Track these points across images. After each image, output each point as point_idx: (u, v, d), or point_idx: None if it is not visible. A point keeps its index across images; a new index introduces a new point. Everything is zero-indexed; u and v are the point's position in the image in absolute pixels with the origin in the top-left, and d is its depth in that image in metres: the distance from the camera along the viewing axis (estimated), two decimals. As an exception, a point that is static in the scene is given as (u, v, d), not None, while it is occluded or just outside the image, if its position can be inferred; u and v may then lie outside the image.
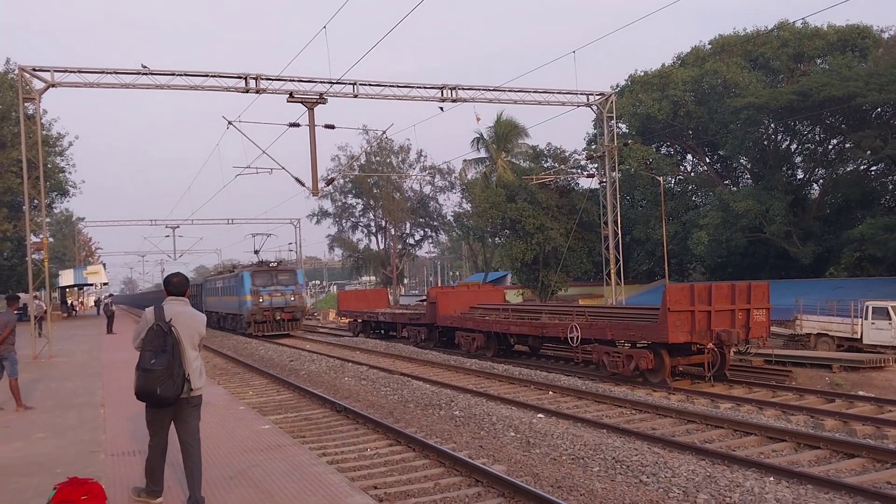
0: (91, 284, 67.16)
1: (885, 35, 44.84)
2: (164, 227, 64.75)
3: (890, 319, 23.13)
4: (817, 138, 47.51)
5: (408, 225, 71.51)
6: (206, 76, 24.10)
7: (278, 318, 38.34)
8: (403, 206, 68.13)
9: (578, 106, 30.15)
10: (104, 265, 67.22)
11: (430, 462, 10.90)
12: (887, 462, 10.75)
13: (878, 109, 40.49)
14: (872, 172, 45.62)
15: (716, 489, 8.95)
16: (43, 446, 9.95)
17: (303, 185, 26.56)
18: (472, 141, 56.92)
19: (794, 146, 48.96)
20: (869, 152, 39.64)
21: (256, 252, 46.54)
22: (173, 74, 23.96)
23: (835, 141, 46.76)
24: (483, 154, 57.77)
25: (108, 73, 23.64)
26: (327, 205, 70.89)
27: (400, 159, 69.32)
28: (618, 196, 32.51)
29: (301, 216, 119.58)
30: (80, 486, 6.15)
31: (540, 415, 14.53)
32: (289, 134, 32.34)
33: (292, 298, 39.25)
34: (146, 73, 23.70)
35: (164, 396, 6.57)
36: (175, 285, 7.01)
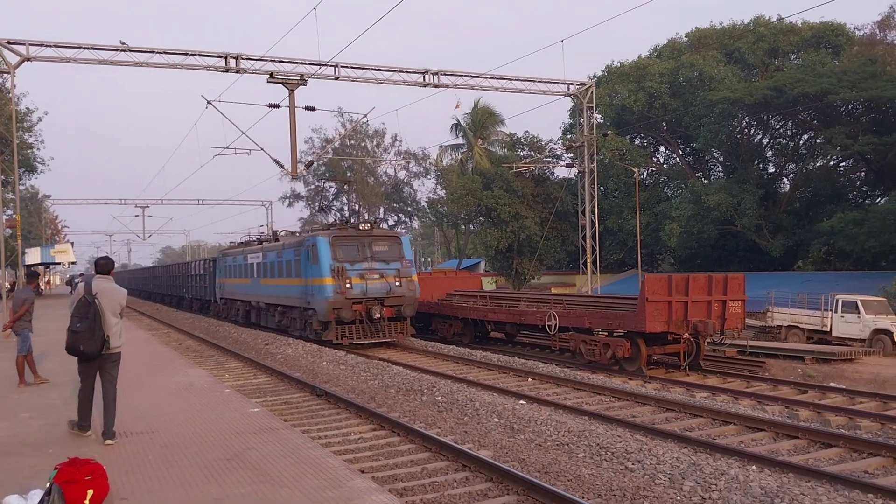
0: (58, 263, 66.02)
1: (859, 33, 45.51)
2: (134, 207, 63.79)
3: (859, 313, 23.62)
4: (789, 133, 48.19)
5: (381, 210, 71.22)
6: (187, 54, 23.77)
7: (377, 315, 23.10)
8: (377, 191, 67.82)
9: (560, 95, 30.23)
10: (72, 244, 66.06)
11: (415, 447, 10.95)
12: (863, 452, 11.02)
13: (849, 106, 41.15)
14: (842, 168, 46.41)
15: (701, 476, 9.11)
16: (29, 426, 9.84)
17: (282, 167, 26.39)
18: (452, 127, 56.82)
19: (766, 140, 49.60)
20: (839, 148, 40.29)
21: (322, 208, 36.92)
22: (152, 52, 23.58)
23: (806, 136, 47.47)
24: (460, 141, 57.71)
25: (85, 48, 23.20)
26: (300, 187, 70.35)
27: (375, 143, 68.93)
28: (595, 186, 32.69)
29: (273, 198, 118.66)
30: (82, 467, 6.09)
31: (522, 401, 14.64)
32: (266, 115, 31.94)
33: (397, 283, 23.58)
34: (125, 50, 23.30)
35: (87, 352, 8.64)
36: (101, 266, 9.18)
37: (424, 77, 26.41)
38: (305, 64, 24.64)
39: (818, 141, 44.62)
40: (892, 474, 10.10)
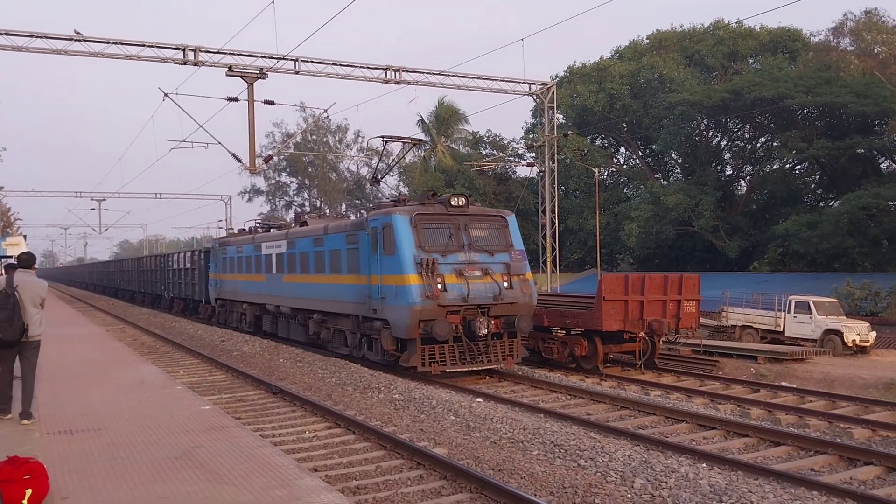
0: (9, 256, 64.44)
1: (814, 39, 46.43)
2: (90, 200, 62.57)
3: (811, 314, 24.10)
4: (747, 136, 49.00)
5: (343, 206, 70.90)
6: (143, 46, 23.33)
7: (483, 331, 16.16)
8: (339, 187, 67.53)
9: (522, 95, 30.34)
10: (24, 237, 64.60)
11: (370, 445, 10.90)
12: (811, 450, 11.23)
13: (805, 111, 41.97)
14: (797, 171, 47.33)
15: (651, 474, 9.19)
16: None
17: (240, 161, 26.09)
18: (417, 123, 56.74)
19: (724, 143, 50.39)
20: (794, 152, 41.07)
21: (377, 180, 27.65)
22: (108, 42, 23.11)
23: (763, 139, 48.31)
24: (423, 137, 57.66)
25: (37, 36, 22.64)
26: (260, 182, 69.76)
27: (337, 139, 68.61)
28: (556, 186, 32.90)
29: (232, 193, 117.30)
30: (21, 466, 5.93)
31: (479, 399, 14.65)
32: (225, 109, 31.33)
33: (506, 284, 16.85)
34: (79, 40, 22.81)
35: (6, 339, 9.26)
36: (23, 261, 9.98)
37: (386, 73, 26.30)
38: (265, 57, 24.38)
39: (774, 144, 45.46)
40: (838, 472, 10.30)
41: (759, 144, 48.80)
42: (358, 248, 18.15)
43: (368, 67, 26.25)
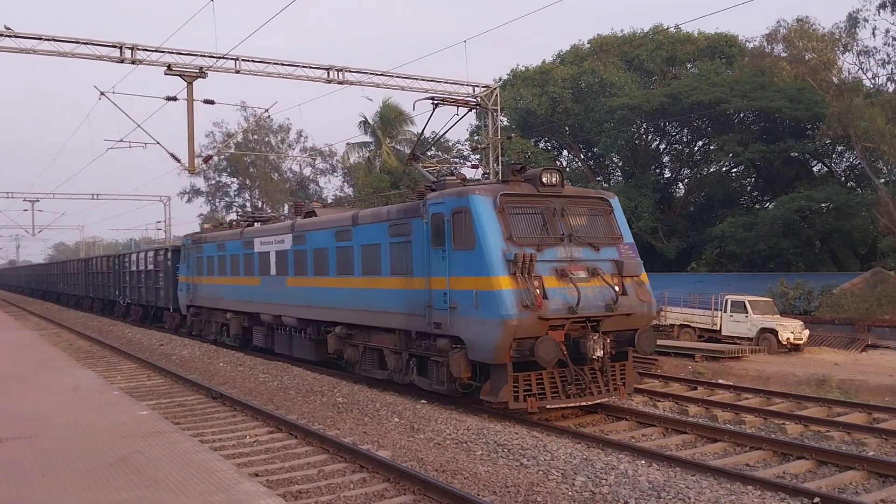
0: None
1: (750, 45, 47.67)
2: (22, 200, 60.53)
3: (747, 313, 24.72)
4: (685, 140, 50.05)
5: (286, 206, 70.12)
6: (78, 43, 22.67)
7: (598, 352, 12.40)
8: (282, 188, 66.79)
9: (465, 97, 30.44)
10: (-49, 239, 62.12)
11: (313, 449, 10.82)
12: (746, 446, 11.52)
13: (741, 115, 43.05)
14: (733, 174, 48.54)
15: (592, 472, 9.33)
16: None
17: (178, 161, 25.56)
18: (359, 124, 56.42)
19: (663, 146, 51.38)
20: (731, 155, 42.10)
21: (416, 157, 18.60)
22: (41, 39, 22.38)
23: (700, 143, 49.40)
24: (368, 138, 57.42)
25: (-36, 31, 21.80)
26: (200, 183, 68.56)
27: (279, 139, 67.84)
28: (499, 187, 33.08)
29: (171, 193, 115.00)
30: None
31: (423, 400, 14.66)
32: (164, 108, 30.48)
33: (617, 288, 12.98)
34: (10, 36, 22.05)
35: None
36: None
37: (329, 73, 26.07)
38: (204, 56, 23.91)
39: (711, 148, 46.51)
40: (772, 466, 10.59)
41: (696, 148, 49.90)
42: (408, 242, 14.35)
43: (311, 67, 26.00)
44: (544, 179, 13.43)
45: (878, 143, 26.26)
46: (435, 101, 16.70)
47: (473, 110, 26.74)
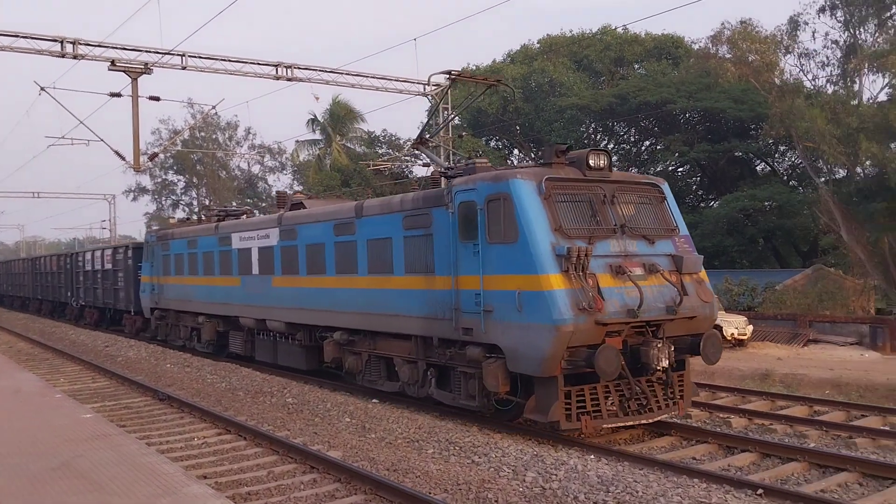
0: None
1: (695, 46, 48.61)
2: (-42, 199, 58.56)
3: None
4: (632, 139, 50.83)
5: (234, 205, 69.20)
6: (17, 36, 22.03)
7: (662, 362, 10.81)
8: (230, 186, 65.88)
9: (415, 94, 30.44)
10: None
11: (262, 450, 10.71)
12: (692, 440, 11.73)
13: (686, 115, 43.89)
14: (680, 173, 49.43)
15: (542, 467, 9.41)
16: None
17: (123, 159, 25.04)
18: (308, 122, 55.93)
19: (611, 146, 52.08)
20: (677, 155, 42.89)
21: (423, 141, 16.18)
22: (-24, 31, 21.70)
23: (647, 143, 50.23)
24: (318, 136, 56.99)
25: None
26: (146, 181, 67.26)
27: (227, 136, 66.90)
28: (450, 185, 33.17)
29: (116, 192, 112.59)
30: None
31: (375, 399, 14.61)
32: (108, 105, 29.66)
33: (676, 290, 11.28)
34: (-57, 27, 21.30)
35: None
36: None
37: (277, 70, 25.79)
38: (150, 52, 23.44)
39: (658, 147, 47.33)
40: (717, 459, 10.81)
41: (643, 147, 50.71)
42: (429, 236, 12.69)
43: (259, 64, 25.69)
44: (591, 162, 11.69)
45: (818, 142, 26.99)
46: (452, 77, 15.06)
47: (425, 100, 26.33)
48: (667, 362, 10.83)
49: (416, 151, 18.89)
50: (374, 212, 14.25)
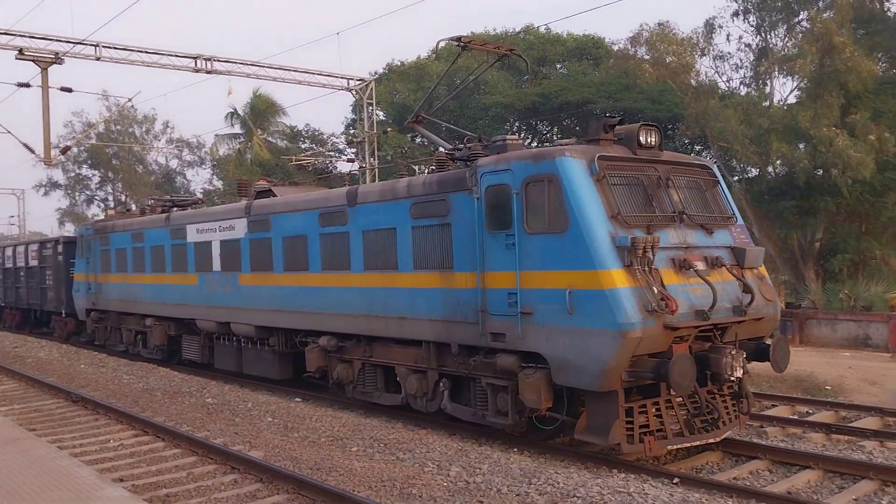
0: None
1: (615, 47, 49.71)
2: None
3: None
4: (555, 138, 51.63)
5: (150, 200, 67.25)
6: (-86, 20, 20.87)
7: (737, 371, 9.39)
8: (147, 180, 64.05)
9: (339, 89, 30.22)
10: None
11: (181, 451, 10.48)
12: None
13: (607, 115, 44.87)
14: (600, 172, 50.56)
15: (467, 461, 9.49)
16: None
17: (33, 152, 24.08)
18: (227, 115, 54.79)
19: (534, 144, 52.80)
20: (598, 153, 43.78)
21: (419, 120, 15.31)
22: None
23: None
24: (238, 130, 55.86)
25: None
26: (58, 175, 64.74)
27: (144, 129, 64.99)
28: (377, 182, 33.05)
29: (26, 187, 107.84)
30: None
31: (298, 399, 14.45)
32: (17, 96, 28.28)
33: (743, 288, 9.96)
34: None
35: None
36: None
37: (196, 62, 25.19)
38: (61, 41, 22.56)
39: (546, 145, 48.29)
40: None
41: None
42: (445, 226, 11.07)
43: (177, 55, 25.04)
44: (642, 139, 10.19)
45: (731, 143, 27.96)
46: (462, 44, 13.26)
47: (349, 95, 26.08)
48: (741, 371, 9.47)
49: (413, 130, 16.26)
50: (372, 199, 12.51)
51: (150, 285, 19.10)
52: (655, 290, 8.85)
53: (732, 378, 9.49)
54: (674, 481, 8.95)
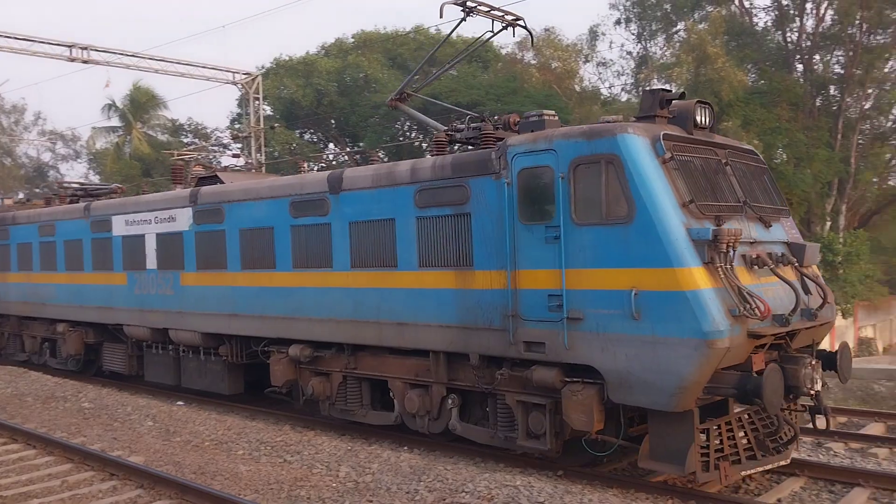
0: None
1: (504, 51, 50.66)
2: None
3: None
4: (445, 139, 52.17)
5: (21, 195, 63.47)
6: None
7: (817, 385, 8.36)
8: (16, 174, 60.42)
9: (224, 83, 29.47)
10: None
11: (55, 459, 10.01)
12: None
13: (496, 117, 45.73)
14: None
15: (357, 461, 9.47)
16: None
17: None
18: (104, 107, 52.34)
19: (425, 145, 53.12)
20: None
21: (402, 98, 14.29)
22: None
23: (458, 146, 51.76)
24: (116, 123, 53.49)
25: None
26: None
27: (13, 120, 61.28)
28: (262, 179, 32.43)
29: None
30: None
31: (180, 402, 14.02)
32: None
33: (809, 288, 8.90)
34: None
35: None
36: None
37: (71, 51, 23.96)
38: (-81, 21, 21.00)
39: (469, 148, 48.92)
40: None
41: (457, 148, 52.21)
42: (463, 216, 9.55)
43: (50, 43, 23.75)
44: (698, 118, 9.00)
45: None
46: (467, 8, 11.78)
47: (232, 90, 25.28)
48: (820, 384, 8.40)
49: (394, 108, 14.24)
50: (363, 184, 10.77)
51: (64, 286, 16.79)
52: (742, 292, 7.67)
53: (812, 392, 8.33)
54: (558, 473, 9.23)
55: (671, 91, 9.18)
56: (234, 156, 39.77)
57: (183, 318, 13.58)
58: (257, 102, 30.84)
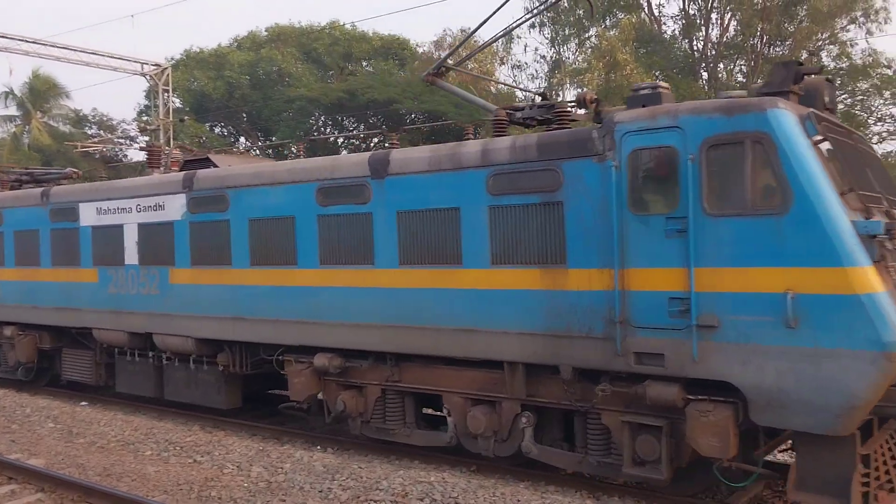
0: None
1: (420, 50, 50.78)
2: None
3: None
4: (361, 135, 51.93)
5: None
6: None
7: None
8: None
9: (132, 73, 28.55)
10: None
11: (-54, 464, 9.50)
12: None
13: (412, 115, 45.82)
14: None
15: (268, 461, 9.39)
16: None
17: None
18: (1, 95, 49.82)
19: (341, 140, 52.77)
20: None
21: (440, 73, 12.37)
22: None
23: (376, 139, 51.64)
24: (14, 112, 50.99)
25: None
26: None
27: None
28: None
29: None
30: None
31: (84, 403, 13.55)
32: None
33: None
34: None
35: None
36: None
37: (-33, 35, 22.80)
38: None
39: (386, 145, 48.88)
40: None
41: (372, 144, 52.05)
42: (554, 205, 8.14)
43: (-56, 25, 22.48)
44: (827, 98, 7.89)
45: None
46: None
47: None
48: None
49: (430, 85, 12.39)
50: (417, 168, 9.23)
51: (13, 283, 14.67)
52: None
53: None
54: (472, 468, 9.36)
55: (804, 65, 7.84)
56: (141, 149, 38.61)
57: (172, 321, 11.74)
58: (166, 94, 29.97)
